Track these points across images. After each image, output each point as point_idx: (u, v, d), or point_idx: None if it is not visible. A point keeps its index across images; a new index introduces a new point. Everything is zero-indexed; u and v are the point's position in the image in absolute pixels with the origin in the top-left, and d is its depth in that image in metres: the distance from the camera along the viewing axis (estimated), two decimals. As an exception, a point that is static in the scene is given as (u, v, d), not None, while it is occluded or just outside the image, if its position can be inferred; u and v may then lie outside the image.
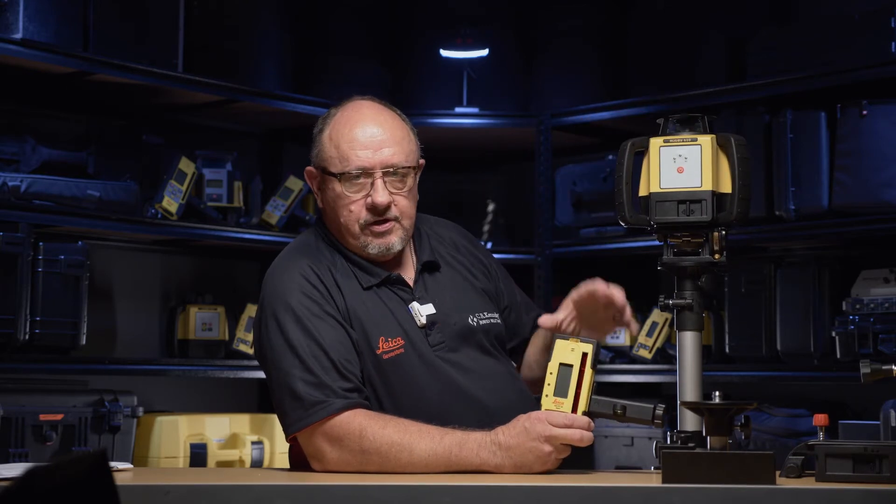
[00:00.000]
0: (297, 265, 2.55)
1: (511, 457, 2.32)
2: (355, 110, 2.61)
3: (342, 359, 2.45)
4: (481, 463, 2.33)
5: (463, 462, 2.34)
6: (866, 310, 4.04)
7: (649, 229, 2.36)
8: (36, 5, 3.98)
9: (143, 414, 4.24)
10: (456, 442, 2.35)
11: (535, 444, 2.30)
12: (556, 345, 2.37)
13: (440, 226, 2.78)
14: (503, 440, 2.33)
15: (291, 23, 4.95)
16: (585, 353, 2.35)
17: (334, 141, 2.57)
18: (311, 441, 2.43)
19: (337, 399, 2.41)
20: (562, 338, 2.38)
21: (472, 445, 2.34)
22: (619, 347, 4.78)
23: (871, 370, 2.33)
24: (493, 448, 2.33)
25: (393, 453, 2.36)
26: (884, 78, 4.04)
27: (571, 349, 2.36)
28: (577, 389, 2.34)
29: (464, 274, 2.70)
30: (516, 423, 2.34)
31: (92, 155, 4.27)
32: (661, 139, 2.34)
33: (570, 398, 2.34)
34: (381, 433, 2.37)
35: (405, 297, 2.59)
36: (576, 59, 5.08)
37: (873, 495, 2.03)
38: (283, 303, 2.50)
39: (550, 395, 2.35)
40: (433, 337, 2.55)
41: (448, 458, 2.35)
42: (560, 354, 2.36)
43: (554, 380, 2.35)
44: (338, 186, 2.56)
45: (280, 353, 2.47)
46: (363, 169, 2.54)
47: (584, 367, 2.34)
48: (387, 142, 2.56)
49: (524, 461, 2.31)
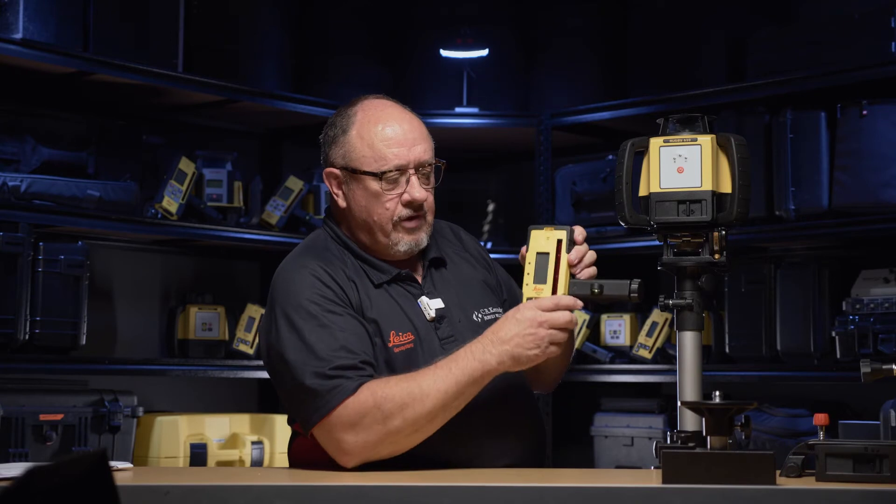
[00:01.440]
0: (307, 265, 2.56)
1: (508, 350, 2.38)
2: (381, 109, 2.64)
3: (357, 348, 2.46)
4: (482, 366, 2.39)
5: (465, 371, 2.39)
6: (866, 310, 4.04)
7: (649, 229, 2.36)
8: (36, 5, 3.98)
9: (143, 414, 4.24)
10: (451, 359, 2.42)
11: (529, 331, 2.37)
12: (531, 235, 2.46)
13: (440, 224, 2.80)
14: (495, 336, 2.40)
15: (291, 23, 4.95)
16: (560, 240, 2.44)
17: (367, 140, 2.59)
18: (332, 435, 2.42)
19: (350, 382, 2.41)
20: (536, 228, 2.47)
21: (466, 354, 2.41)
22: (619, 347, 4.78)
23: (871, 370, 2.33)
24: (488, 348, 2.40)
25: (406, 397, 2.39)
26: (884, 78, 4.04)
27: (546, 237, 2.45)
28: (555, 275, 2.42)
29: (467, 269, 2.72)
30: (504, 318, 2.42)
31: (92, 155, 4.27)
32: (661, 139, 2.34)
33: (549, 283, 2.42)
34: (388, 386, 2.41)
35: (414, 293, 2.61)
36: (576, 59, 5.08)
37: (873, 495, 2.03)
38: (294, 302, 2.50)
39: (531, 284, 2.44)
40: (442, 330, 2.58)
41: (452, 375, 2.39)
42: (536, 244, 2.45)
43: (532, 269, 2.44)
44: (374, 185, 2.58)
45: (293, 351, 2.47)
46: (400, 167, 2.58)
47: (559, 253, 2.43)
48: (418, 139, 2.62)
49: (523, 350, 2.38)
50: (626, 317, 4.78)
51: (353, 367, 2.43)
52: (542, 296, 2.42)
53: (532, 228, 2.47)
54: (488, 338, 2.41)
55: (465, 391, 2.41)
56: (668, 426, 4.48)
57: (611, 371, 4.75)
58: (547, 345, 2.39)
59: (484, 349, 2.40)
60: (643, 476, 2.43)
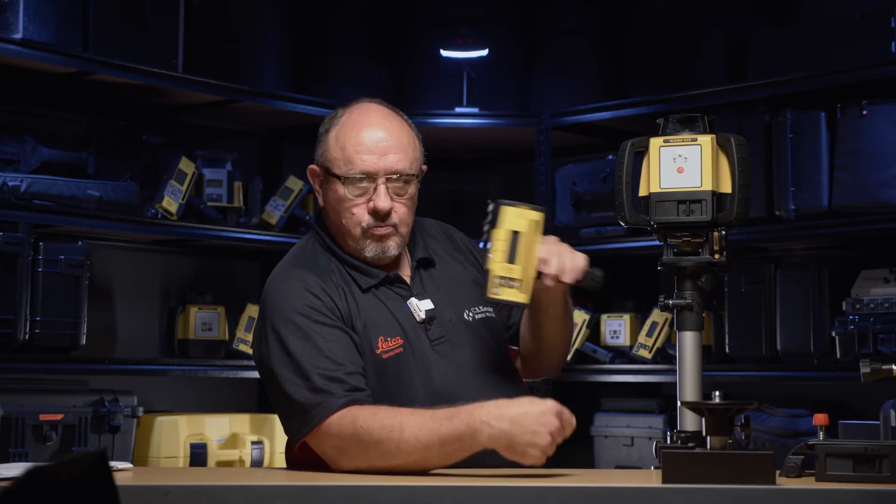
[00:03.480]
0: (295, 276, 2.55)
1: (506, 428, 2.25)
2: (363, 113, 2.60)
3: (346, 362, 2.45)
4: (473, 434, 2.27)
5: (454, 433, 2.28)
6: (866, 310, 4.04)
7: (649, 229, 2.36)
8: (36, 5, 3.98)
9: (143, 414, 4.24)
10: (447, 415, 2.30)
11: (538, 428, 2.25)
12: (503, 211, 2.37)
13: (429, 224, 2.79)
14: (500, 410, 2.27)
15: (291, 23, 4.95)
16: (536, 221, 2.37)
17: (340, 143, 2.57)
18: (322, 447, 2.43)
19: (335, 399, 2.41)
20: (508, 203, 2.38)
21: (463, 416, 2.29)
22: (619, 347, 4.78)
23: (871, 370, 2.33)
24: (487, 418, 2.26)
25: (385, 436, 2.32)
26: (884, 78, 4.04)
27: (520, 216, 2.38)
28: (527, 257, 2.36)
29: (457, 268, 2.71)
30: (518, 400, 2.29)
31: (92, 155, 4.27)
32: (661, 139, 2.34)
33: (521, 265, 2.35)
34: (372, 419, 2.35)
35: (403, 295, 2.59)
36: (576, 59, 5.08)
37: (873, 495, 2.03)
38: (282, 314, 2.50)
39: (501, 262, 2.36)
40: (433, 332, 2.56)
41: (440, 431, 2.29)
42: (510, 221, 2.37)
43: (505, 246, 2.36)
44: (340, 189, 2.56)
45: (281, 364, 2.46)
46: (367, 173, 2.54)
47: (534, 235, 2.36)
48: (392, 148, 2.56)
49: (519, 438, 2.25)
50: (626, 317, 4.78)
51: (339, 381, 2.42)
52: (512, 276, 2.35)
53: (503, 203, 2.38)
54: (494, 408, 2.28)
55: (449, 451, 2.30)
56: (668, 426, 4.48)
57: (611, 371, 4.75)
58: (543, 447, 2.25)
59: (483, 417, 2.27)
60: (643, 476, 2.43)
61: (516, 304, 2.41)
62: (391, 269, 2.62)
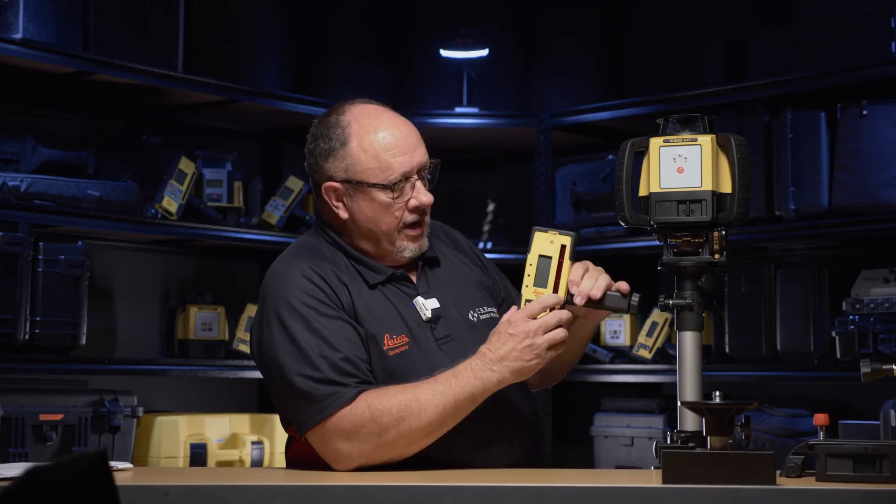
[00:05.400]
0: (298, 266, 2.55)
1: (508, 365, 2.40)
2: (375, 116, 2.59)
3: (351, 354, 2.45)
4: (483, 384, 2.40)
5: (465, 389, 2.40)
6: (866, 310, 4.04)
7: (649, 229, 2.36)
8: (36, 5, 3.98)
9: (143, 414, 4.24)
10: (451, 374, 2.42)
11: (525, 343, 2.39)
12: (534, 237, 2.45)
13: (434, 225, 2.78)
14: (493, 354, 2.41)
15: (291, 23, 4.95)
16: (564, 245, 2.43)
17: (371, 152, 2.55)
18: (328, 443, 2.42)
19: (347, 390, 2.41)
20: (540, 230, 2.46)
21: (467, 372, 2.41)
22: (619, 347, 4.78)
23: (871, 370, 2.33)
24: (487, 365, 2.40)
25: (403, 411, 2.39)
26: (884, 78, 4.04)
27: (550, 241, 2.44)
28: (556, 280, 2.42)
29: (461, 269, 2.71)
30: (498, 334, 2.42)
31: (92, 155, 4.27)
32: (661, 139, 2.33)
33: (550, 289, 2.43)
34: (385, 398, 2.40)
35: (409, 293, 2.60)
36: (576, 59, 5.08)
37: (873, 495, 2.03)
38: (286, 304, 2.49)
39: (530, 286, 2.44)
40: (438, 331, 2.57)
41: (452, 391, 2.40)
42: (539, 246, 2.44)
43: (534, 271, 2.44)
44: (383, 196, 2.56)
45: (286, 353, 2.46)
46: (406, 174, 2.57)
47: (562, 258, 2.43)
48: (417, 142, 2.60)
49: (523, 363, 2.40)
50: (626, 317, 4.78)
51: (347, 373, 2.43)
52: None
53: (536, 230, 2.46)
54: (487, 356, 2.42)
55: (463, 407, 2.42)
56: (668, 426, 4.48)
57: (611, 371, 4.75)
58: (545, 351, 2.40)
59: (484, 366, 2.41)
60: (643, 476, 2.43)
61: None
62: (398, 266, 2.62)
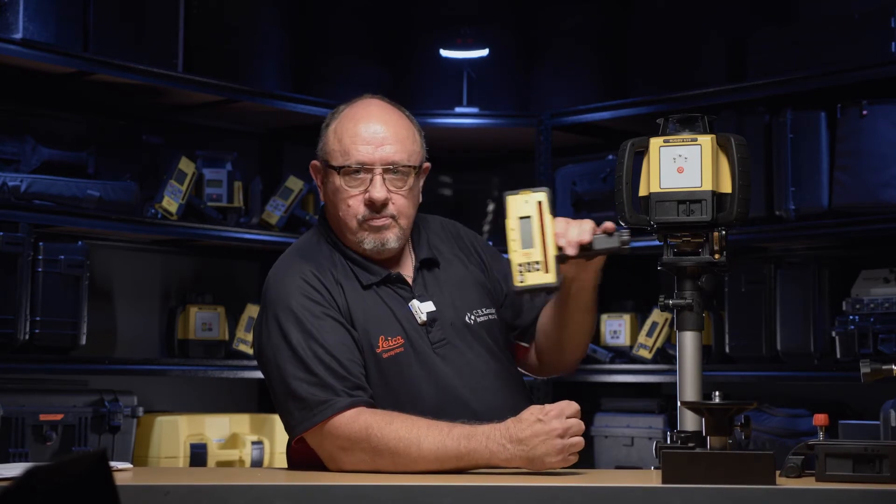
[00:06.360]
0: (297, 268, 2.56)
1: (524, 450, 2.30)
2: (362, 108, 2.63)
3: (345, 359, 2.46)
4: (490, 456, 2.32)
5: (472, 454, 2.33)
6: (866, 310, 4.04)
7: (649, 229, 2.36)
8: (36, 5, 3.98)
9: (143, 414, 4.24)
10: (464, 434, 2.35)
11: (550, 438, 2.29)
12: (507, 201, 2.38)
13: (435, 222, 2.79)
14: (514, 433, 2.31)
15: (291, 23, 4.95)
16: (540, 202, 2.37)
17: (338, 135, 2.59)
18: (322, 444, 2.43)
19: (340, 398, 2.41)
20: (511, 193, 2.39)
21: (480, 438, 2.33)
22: (619, 347, 4.78)
23: (871, 370, 2.33)
24: (502, 441, 2.31)
25: (402, 448, 2.36)
26: (884, 78, 4.04)
27: (525, 201, 2.38)
28: (542, 237, 2.35)
29: (460, 269, 2.70)
30: (529, 414, 2.32)
31: (92, 155, 4.27)
32: (661, 139, 2.33)
33: (538, 247, 2.35)
34: (388, 429, 2.37)
35: (405, 296, 2.59)
36: (576, 59, 5.08)
37: (873, 495, 2.03)
38: (284, 306, 2.50)
39: (518, 250, 2.36)
40: (434, 334, 2.56)
41: (457, 450, 2.33)
42: (515, 209, 2.37)
43: (517, 234, 2.36)
44: (338, 180, 2.58)
45: (282, 356, 2.47)
46: (363, 164, 2.56)
47: (542, 214, 2.36)
48: (389, 139, 2.58)
49: (539, 456, 2.29)
50: (626, 317, 4.78)
51: (342, 378, 2.43)
52: (532, 260, 2.34)
53: (507, 194, 2.39)
54: (509, 431, 2.32)
55: (463, 466, 2.36)
56: (668, 426, 4.48)
57: (611, 371, 4.75)
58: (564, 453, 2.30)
59: (499, 440, 2.32)
60: (643, 476, 2.43)
61: (545, 285, 2.37)
62: (393, 268, 2.62)
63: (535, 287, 2.37)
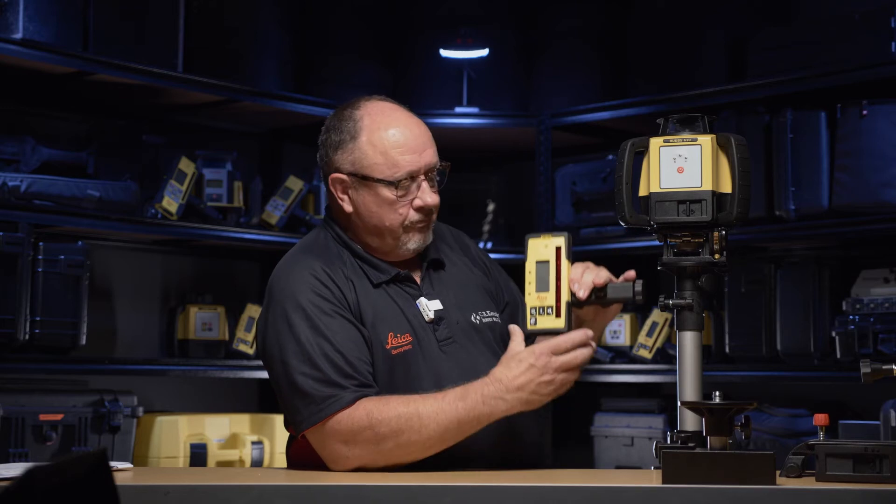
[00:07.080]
0: (306, 264, 2.56)
1: (522, 396, 2.38)
2: (388, 113, 2.61)
3: (353, 357, 2.46)
4: (491, 411, 2.38)
5: (471, 413, 2.38)
6: (866, 310, 4.04)
7: (649, 229, 2.36)
8: (36, 5, 3.98)
9: (143, 414, 4.24)
10: (458, 395, 2.40)
11: (546, 378, 2.37)
12: (528, 244, 2.44)
13: (439, 227, 2.79)
14: (509, 382, 2.38)
15: (291, 23, 4.95)
16: (559, 247, 2.42)
17: (379, 147, 2.57)
18: (325, 443, 2.43)
19: (346, 394, 2.41)
20: (533, 236, 2.45)
21: (475, 395, 2.39)
22: (619, 347, 4.78)
23: (872, 370, 2.33)
24: (499, 393, 2.38)
25: (403, 424, 2.38)
26: (884, 78, 4.04)
27: (545, 245, 2.43)
28: (557, 282, 2.40)
29: (465, 272, 2.72)
30: (518, 362, 2.39)
31: (92, 155, 4.27)
32: (661, 139, 2.33)
33: (552, 291, 2.40)
34: (386, 409, 2.39)
35: (413, 294, 2.61)
36: (576, 60, 5.08)
37: (873, 495, 2.03)
38: (293, 301, 2.50)
39: (533, 293, 2.42)
40: (441, 332, 2.57)
41: (455, 413, 2.38)
42: (534, 253, 2.43)
43: (533, 277, 2.42)
44: (388, 192, 2.57)
45: (289, 351, 2.47)
46: (412, 173, 2.58)
47: (559, 259, 2.41)
48: (427, 143, 2.61)
49: (538, 397, 2.38)
50: (626, 317, 4.78)
51: (349, 375, 2.43)
52: (545, 304, 2.39)
53: (529, 237, 2.45)
54: (503, 382, 2.39)
55: (466, 430, 2.41)
56: (668, 426, 4.48)
57: (611, 371, 4.75)
58: (561, 386, 2.39)
59: (496, 393, 2.38)
60: (643, 476, 2.43)
61: (554, 330, 2.43)
62: (402, 267, 2.63)
63: (546, 331, 2.44)
